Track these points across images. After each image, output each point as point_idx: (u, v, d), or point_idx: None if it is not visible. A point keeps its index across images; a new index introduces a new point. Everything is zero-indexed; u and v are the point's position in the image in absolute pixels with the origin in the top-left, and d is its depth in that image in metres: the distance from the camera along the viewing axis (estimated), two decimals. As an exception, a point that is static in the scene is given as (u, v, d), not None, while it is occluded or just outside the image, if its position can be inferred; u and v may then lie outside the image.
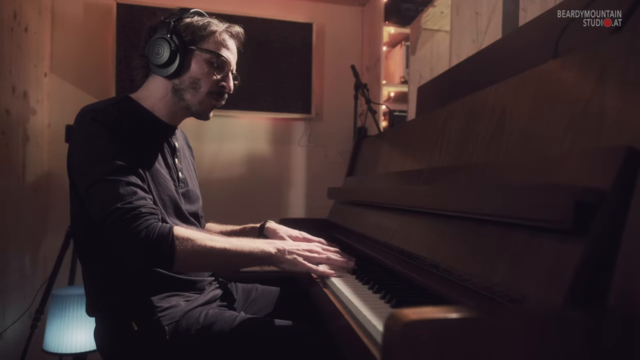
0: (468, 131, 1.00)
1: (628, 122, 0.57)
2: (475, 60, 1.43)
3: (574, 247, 0.54)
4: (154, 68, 1.13)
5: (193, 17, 1.17)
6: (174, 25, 1.13)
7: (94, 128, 1.03)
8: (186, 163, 1.30)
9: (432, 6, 2.27)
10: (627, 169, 0.51)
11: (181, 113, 1.21)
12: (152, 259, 0.96)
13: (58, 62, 2.48)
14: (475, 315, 0.46)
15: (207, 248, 0.99)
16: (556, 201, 0.55)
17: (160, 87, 1.17)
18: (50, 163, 2.45)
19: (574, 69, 0.72)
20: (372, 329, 0.64)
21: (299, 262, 1.06)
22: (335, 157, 2.94)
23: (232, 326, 1.01)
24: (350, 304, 0.79)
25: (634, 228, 0.50)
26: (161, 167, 1.14)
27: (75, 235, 1.14)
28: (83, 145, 1.03)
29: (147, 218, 0.96)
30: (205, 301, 1.13)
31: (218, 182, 2.72)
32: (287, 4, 2.85)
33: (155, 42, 1.11)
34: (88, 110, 1.06)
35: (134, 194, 0.98)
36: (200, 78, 1.15)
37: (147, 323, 1.01)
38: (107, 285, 1.07)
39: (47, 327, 1.90)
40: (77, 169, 1.03)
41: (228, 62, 1.19)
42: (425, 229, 0.97)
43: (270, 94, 2.76)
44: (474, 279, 0.73)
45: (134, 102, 1.17)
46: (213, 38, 1.16)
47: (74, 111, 2.57)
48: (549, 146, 0.72)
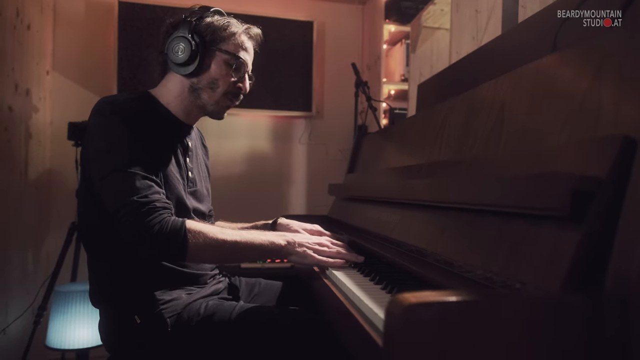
0: (468, 126, 1.01)
1: (625, 117, 0.58)
2: (475, 57, 1.44)
3: (571, 234, 0.55)
4: (173, 66, 1.13)
5: (213, 16, 1.17)
6: (195, 25, 1.13)
7: (112, 120, 1.03)
8: (197, 163, 1.30)
9: (432, 4, 2.28)
10: (624, 157, 0.52)
11: (196, 112, 1.21)
12: (165, 252, 0.97)
13: (60, 59, 2.49)
14: (474, 298, 0.47)
15: (218, 241, 1.01)
16: (554, 189, 0.57)
17: (178, 85, 1.17)
18: (52, 160, 2.46)
19: (572, 63, 0.73)
20: (374, 317, 0.66)
21: (309, 254, 1.07)
22: (335, 155, 2.95)
23: (231, 315, 1.03)
24: (352, 295, 0.80)
25: (629, 215, 0.51)
26: (172, 165, 1.14)
27: (84, 230, 1.15)
28: (101, 136, 1.03)
29: (160, 212, 0.97)
30: (207, 294, 1.15)
31: (219, 180, 2.73)
32: (288, 2, 2.87)
33: (176, 41, 1.11)
34: (107, 102, 1.07)
35: (149, 187, 0.99)
36: (218, 78, 1.16)
37: (150, 316, 1.03)
38: (112, 276, 1.09)
39: (50, 324, 1.91)
40: (93, 159, 1.04)
41: (245, 64, 1.19)
42: (425, 223, 0.98)
43: (271, 92, 2.77)
44: (474, 269, 0.74)
45: (153, 98, 1.18)
46: (233, 39, 1.16)
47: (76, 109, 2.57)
48: (547, 140, 0.73)
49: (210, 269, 1.23)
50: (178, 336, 1.02)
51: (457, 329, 0.47)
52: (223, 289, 1.25)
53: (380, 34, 2.73)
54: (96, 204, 1.05)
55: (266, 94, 2.76)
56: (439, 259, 0.86)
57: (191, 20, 1.13)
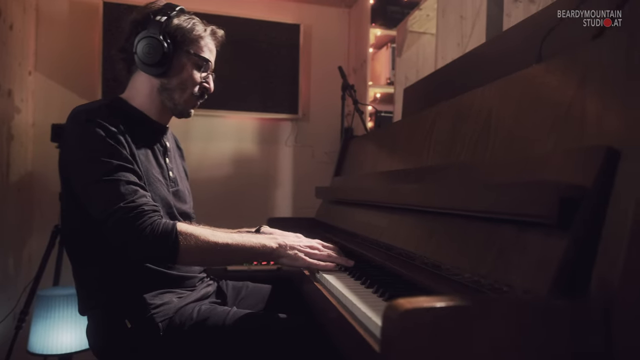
0: (455, 132, 1.04)
1: (608, 126, 0.61)
2: (461, 63, 1.46)
3: (558, 240, 0.57)
4: (142, 66, 1.14)
5: (180, 16, 1.18)
6: (166, 25, 1.14)
7: (89, 128, 1.03)
8: (176, 163, 1.32)
9: (419, 9, 2.31)
10: (608, 167, 0.55)
11: (167, 111, 1.23)
12: (157, 254, 0.98)
13: (43, 60, 2.45)
14: (466, 303, 0.49)
15: (210, 243, 1.01)
16: (542, 198, 0.59)
17: (146, 85, 1.19)
18: (34, 162, 2.42)
19: (558, 73, 0.75)
20: (369, 322, 0.67)
21: (300, 257, 1.08)
22: (322, 157, 2.97)
23: (225, 320, 1.03)
24: (345, 299, 0.81)
25: (612, 223, 0.53)
26: (153, 167, 1.15)
27: (67, 234, 1.14)
28: (79, 145, 1.04)
29: (150, 215, 0.98)
30: (198, 298, 1.15)
31: (205, 181, 2.72)
32: (275, 5, 2.87)
33: (146, 41, 1.12)
34: (81, 110, 1.07)
35: (135, 192, 0.99)
36: (187, 79, 1.19)
37: (141, 320, 1.03)
38: (99, 283, 1.08)
39: (32, 328, 1.88)
40: (74, 169, 1.04)
41: (212, 65, 1.24)
42: (414, 227, 1.00)
43: (257, 94, 2.77)
44: (462, 272, 0.76)
45: (124, 103, 1.18)
46: (201, 41, 1.20)
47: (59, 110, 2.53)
48: (533, 148, 0.75)
49: (198, 272, 1.23)
50: (170, 340, 1.02)
51: (450, 332, 0.49)
52: (212, 292, 1.25)
53: (367, 37, 2.75)
54: (78, 208, 1.05)
55: (253, 96, 2.76)
56: (428, 262, 0.88)
57: (160, 20, 1.14)
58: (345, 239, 1.38)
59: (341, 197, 1.64)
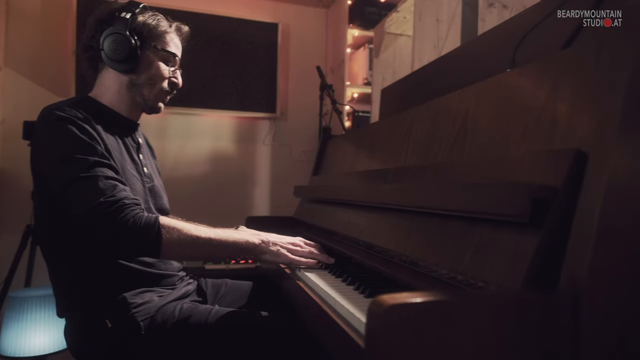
0: (433, 134, 1.07)
1: (577, 130, 0.64)
2: (437, 65, 1.50)
3: (530, 238, 0.60)
4: (110, 62, 1.15)
5: (144, 13, 1.20)
6: (131, 22, 1.15)
7: (61, 126, 1.02)
8: (149, 160, 1.34)
9: (396, 11, 2.35)
10: (577, 169, 0.58)
11: (137, 107, 1.24)
12: (140, 248, 0.98)
13: (13, 55, 2.38)
14: (448, 298, 0.52)
15: (192, 237, 1.01)
16: (515, 198, 0.62)
17: (114, 81, 1.19)
18: (4, 161, 2.36)
19: (530, 78, 0.79)
20: (352, 318, 0.69)
21: (282, 253, 1.10)
22: (299, 156, 2.98)
23: (208, 319, 1.04)
24: (327, 296, 0.83)
25: (580, 222, 0.57)
26: (128, 163, 1.16)
27: (41, 233, 1.12)
28: (53, 145, 1.03)
29: (132, 209, 0.97)
30: (179, 296, 1.15)
31: (182, 180, 2.70)
32: (253, 3, 2.87)
33: (113, 38, 1.13)
34: (51, 109, 1.06)
35: (114, 187, 0.99)
36: (156, 74, 1.20)
37: (121, 319, 1.02)
38: (76, 282, 1.07)
39: (3, 331, 1.83)
40: (50, 169, 1.03)
41: (179, 59, 1.26)
42: (393, 225, 1.03)
43: (235, 92, 2.77)
44: (440, 269, 0.79)
45: (94, 101, 1.19)
46: (167, 36, 1.22)
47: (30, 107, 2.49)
48: (507, 150, 0.79)
49: (178, 270, 1.23)
50: (152, 339, 1.01)
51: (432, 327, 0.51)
52: (193, 290, 1.25)
53: (344, 38, 2.78)
54: (52, 206, 1.04)
55: (231, 94, 2.76)
56: (407, 260, 0.91)
57: (125, 17, 1.15)
58: (325, 238, 1.40)
59: (321, 196, 1.66)
